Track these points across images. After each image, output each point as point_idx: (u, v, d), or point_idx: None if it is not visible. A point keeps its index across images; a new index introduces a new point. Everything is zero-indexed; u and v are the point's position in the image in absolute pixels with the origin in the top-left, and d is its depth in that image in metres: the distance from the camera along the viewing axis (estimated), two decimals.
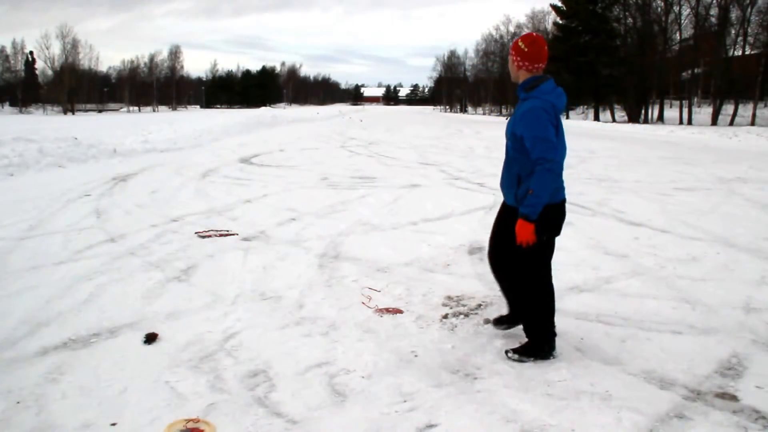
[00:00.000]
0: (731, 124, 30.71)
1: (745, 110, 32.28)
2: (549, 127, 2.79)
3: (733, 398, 2.63)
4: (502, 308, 3.76)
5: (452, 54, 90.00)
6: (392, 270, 4.56)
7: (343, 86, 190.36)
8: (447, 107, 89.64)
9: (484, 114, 68.59)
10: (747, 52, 33.80)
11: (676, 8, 36.48)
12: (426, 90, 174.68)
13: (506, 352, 3.05)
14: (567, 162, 3.18)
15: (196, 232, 5.79)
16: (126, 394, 2.69)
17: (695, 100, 37.52)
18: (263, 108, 70.64)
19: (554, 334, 3.06)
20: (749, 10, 32.29)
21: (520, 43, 2.94)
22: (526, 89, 2.92)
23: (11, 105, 75.97)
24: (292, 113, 46.74)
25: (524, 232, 2.82)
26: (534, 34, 3.01)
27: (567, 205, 3.17)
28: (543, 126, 2.78)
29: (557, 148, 2.83)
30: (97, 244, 5.40)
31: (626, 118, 38.88)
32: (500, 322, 3.37)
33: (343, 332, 3.38)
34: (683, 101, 35.66)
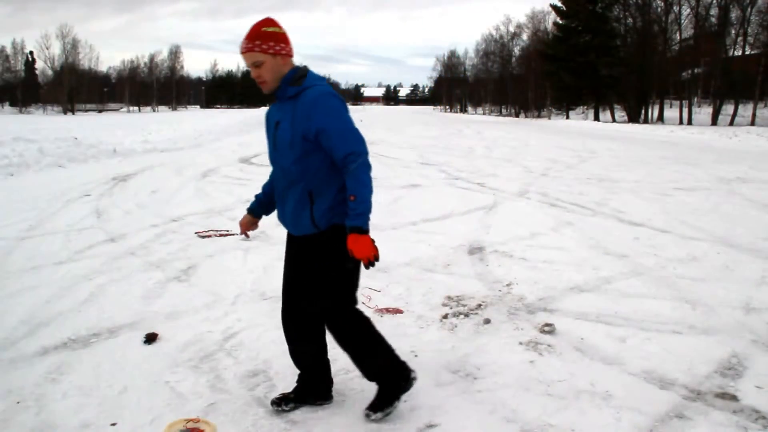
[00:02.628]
0: (731, 124, 30.72)
1: (745, 110, 32.29)
2: (348, 114, 2.27)
3: (733, 398, 2.63)
4: (502, 308, 3.76)
5: (452, 54, 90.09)
6: (392, 270, 4.55)
7: (343, 86, 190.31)
8: (447, 107, 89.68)
9: (484, 114, 68.60)
10: (747, 52, 33.81)
11: (676, 8, 36.56)
12: (426, 90, 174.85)
13: (366, 415, 2.45)
14: (567, 162, 3.15)
15: (196, 232, 5.80)
16: (126, 394, 2.69)
17: (695, 100, 37.53)
18: (263, 108, 70.65)
19: (401, 362, 2.49)
20: (749, 10, 32.35)
21: (271, 29, 2.23)
22: (294, 81, 2.26)
23: (11, 105, 76.01)
24: None
25: (362, 246, 2.17)
26: (267, 17, 2.28)
27: (567, 206, 3.10)
28: (342, 113, 2.23)
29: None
30: (97, 244, 5.40)
31: (626, 118, 38.89)
32: (285, 400, 2.53)
33: None
34: (683, 101, 35.68)
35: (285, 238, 2.55)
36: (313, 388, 2.57)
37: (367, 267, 2.25)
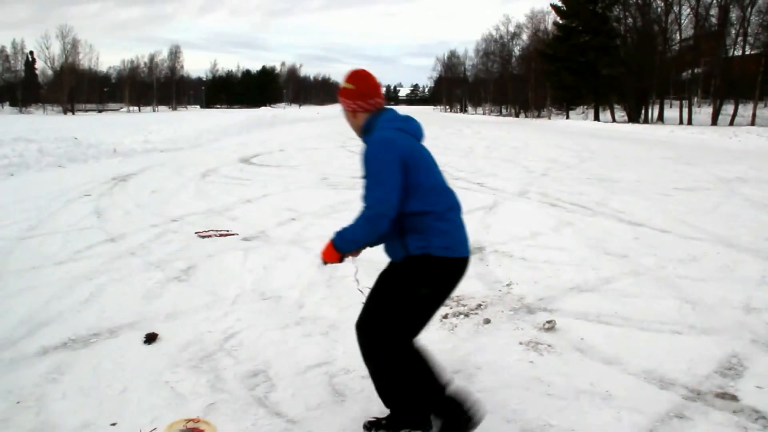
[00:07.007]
0: (731, 124, 30.71)
1: (745, 110, 32.27)
2: (381, 163, 2.18)
3: (733, 398, 2.63)
4: (502, 308, 3.76)
5: (452, 54, 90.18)
6: None
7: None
8: (447, 107, 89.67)
9: (484, 114, 68.59)
10: (747, 52, 33.80)
11: (676, 8, 36.51)
12: (426, 90, 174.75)
13: (366, 427, 2.42)
14: (567, 162, 3.14)
15: (196, 232, 5.79)
16: (126, 394, 2.69)
17: (695, 100, 37.51)
18: (263, 108, 70.66)
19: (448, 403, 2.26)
20: (749, 10, 32.32)
21: (345, 85, 2.38)
22: (364, 132, 2.36)
23: (11, 105, 76.02)
24: (292, 113, 46.76)
25: (326, 250, 2.38)
26: (356, 69, 2.45)
27: (567, 206, 3.08)
28: (371, 165, 2.19)
29: (395, 191, 2.16)
30: (97, 244, 5.40)
31: (626, 118, 38.87)
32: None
33: (343, 332, 3.37)
34: (683, 101, 35.65)
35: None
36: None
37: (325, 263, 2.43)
